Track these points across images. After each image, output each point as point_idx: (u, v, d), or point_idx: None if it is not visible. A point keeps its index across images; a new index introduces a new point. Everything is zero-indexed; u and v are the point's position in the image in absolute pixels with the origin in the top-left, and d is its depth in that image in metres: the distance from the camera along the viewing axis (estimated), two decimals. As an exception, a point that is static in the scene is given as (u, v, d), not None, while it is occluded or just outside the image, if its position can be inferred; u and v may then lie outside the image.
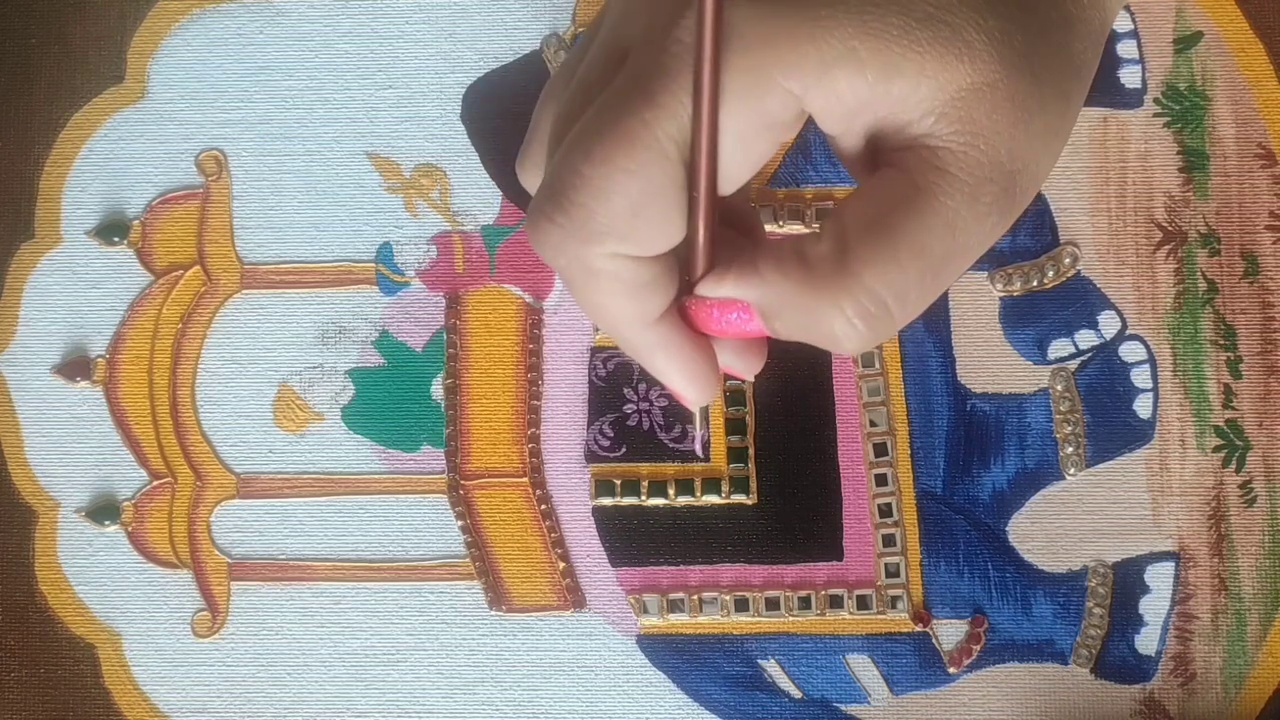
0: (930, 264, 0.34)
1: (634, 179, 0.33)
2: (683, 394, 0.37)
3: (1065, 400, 0.53)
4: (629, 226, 0.33)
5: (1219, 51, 0.55)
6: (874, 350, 0.54)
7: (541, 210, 0.34)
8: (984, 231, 0.34)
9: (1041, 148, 0.35)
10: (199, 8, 0.55)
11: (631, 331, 0.36)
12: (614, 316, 0.35)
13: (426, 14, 0.55)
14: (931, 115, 0.33)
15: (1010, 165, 0.34)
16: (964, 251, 0.34)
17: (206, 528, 0.54)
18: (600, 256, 0.34)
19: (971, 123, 0.33)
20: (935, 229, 0.33)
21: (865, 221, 0.34)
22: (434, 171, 0.55)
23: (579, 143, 0.34)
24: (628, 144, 0.33)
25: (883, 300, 0.33)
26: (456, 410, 0.54)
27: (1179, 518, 0.53)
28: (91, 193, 0.55)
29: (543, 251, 0.35)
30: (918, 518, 0.53)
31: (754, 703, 0.53)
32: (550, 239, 0.34)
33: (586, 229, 0.33)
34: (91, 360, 0.54)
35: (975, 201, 0.33)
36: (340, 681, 0.53)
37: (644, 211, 0.33)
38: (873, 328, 0.34)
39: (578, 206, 0.33)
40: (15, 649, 0.53)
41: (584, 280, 0.35)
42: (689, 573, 0.53)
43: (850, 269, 0.33)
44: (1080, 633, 0.53)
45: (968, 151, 0.33)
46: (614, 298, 0.35)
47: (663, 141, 0.33)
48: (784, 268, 0.34)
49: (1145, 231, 0.54)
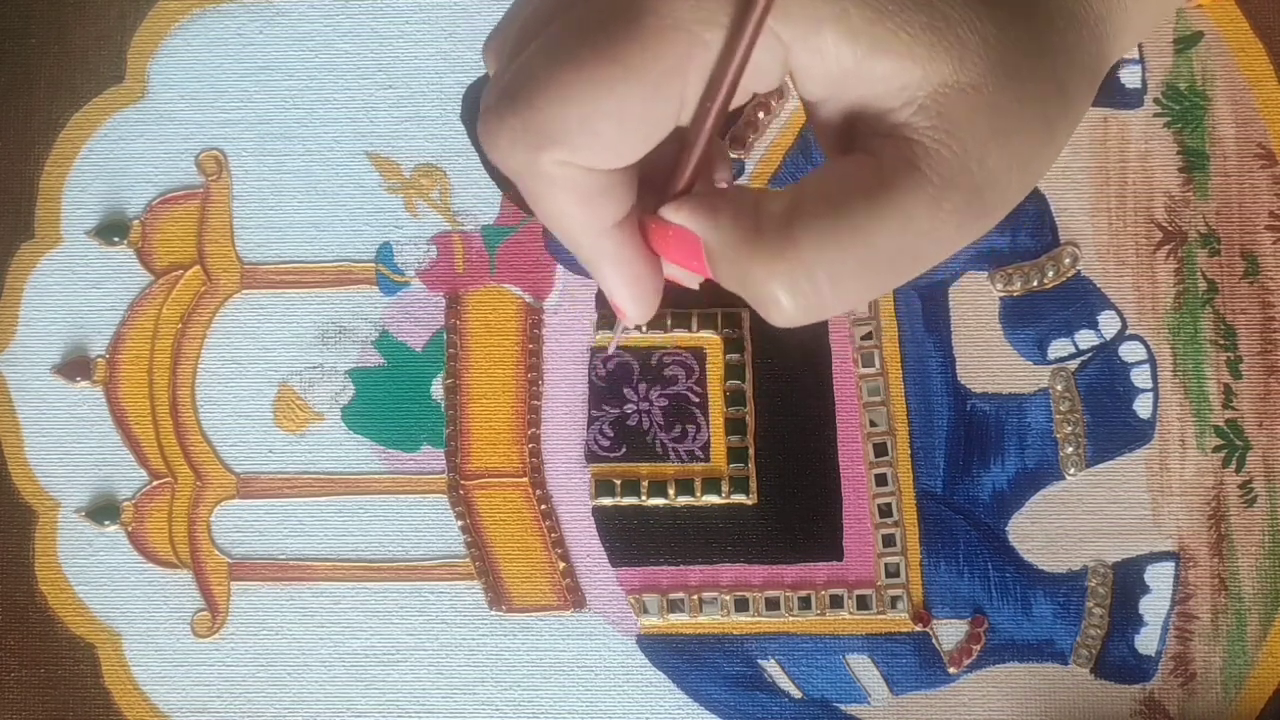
0: (874, 255, 0.33)
1: (600, 95, 0.32)
2: (624, 309, 0.36)
3: (1065, 400, 0.53)
4: (581, 141, 0.33)
5: (1219, 51, 0.55)
6: (874, 350, 0.54)
7: (494, 109, 0.33)
8: (939, 238, 0.33)
9: (1016, 169, 0.34)
10: (199, 8, 0.55)
11: (584, 237, 0.35)
12: (567, 221, 0.35)
13: (426, 14, 0.55)
14: (912, 105, 0.33)
15: (979, 176, 0.33)
16: (914, 253, 0.33)
17: (206, 528, 0.54)
18: (550, 163, 0.33)
19: (948, 121, 0.33)
20: (888, 221, 0.33)
21: (822, 194, 0.33)
22: (434, 171, 0.55)
23: (548, 48, 0.33)
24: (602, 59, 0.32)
25: (816, 277, 0.33)
26: (456, 410, 0.54)
27: (1179, 518, 0.53)
28: (91, 193, 0.55)
29: (492, 152, 0.34)
30: (918, 518, 0.53)
31: (754, 703, 0.53)
32: (500, 139, 0.33)
33: (540, 135, 0.33)
34: (91, 360, 0.54)
35: (936, 204, 0.33)
36: (340, 681, 0.53)
37: (598, 129, 0.33)
38: (799, 303, 0.33)
39: (532, 109, 0.33)
40: (15, 649, 0.53)
41: (536, 185, 0.34)
42: (689, 573, 0.53)
43: (793, 236, 0.33)
44: (1080, 633, 0.53)
45: (939, 150, 0.33)
46: (565, 205, 0.34)
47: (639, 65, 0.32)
48: (737, 218, 0.34)
49: (1145, 231, 0.54)
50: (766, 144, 0.55)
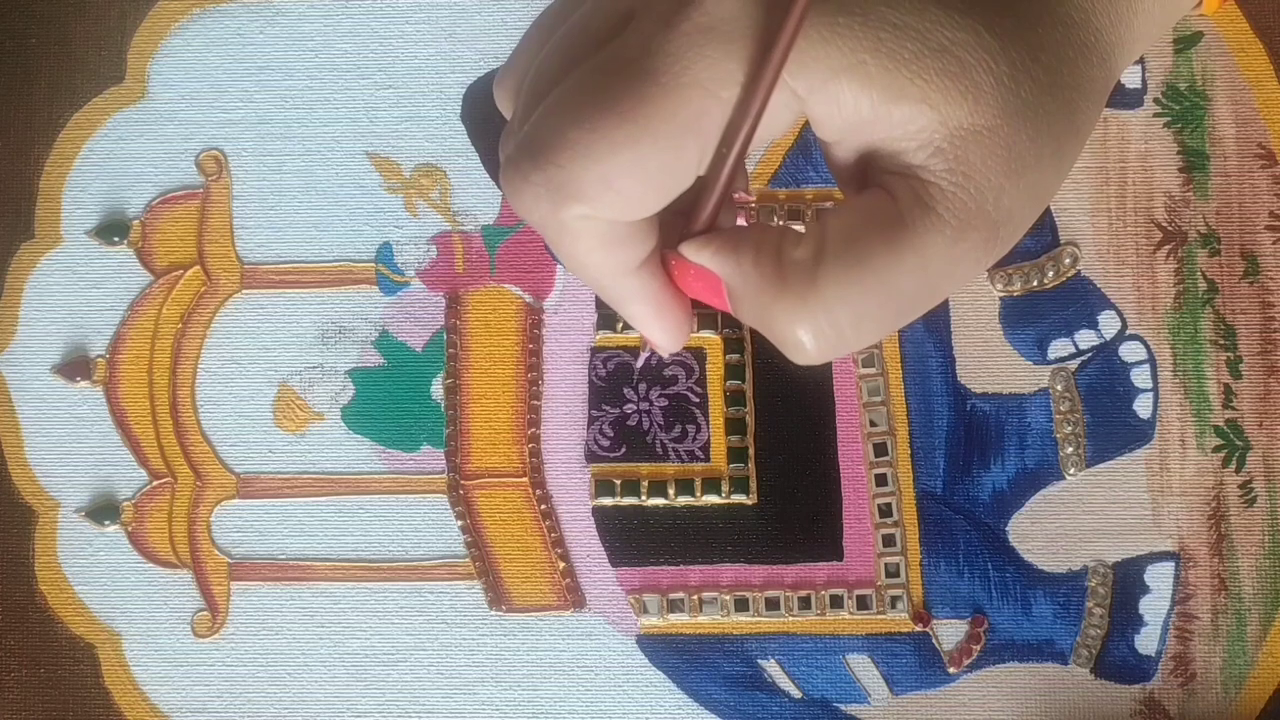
0: (894, 297, 0.33)
1: (617, 153, 0.32)
2: (657, 341, 0.37)
3: (1065, 400, 0.53)
4: (601, 198, 0.33)
5: (1219, 51, 0.55)
6: (874, 350, 0.54)
7: (518, 167, 0.34)
8: (955, 275, 0.34)
9: (1028, 203, 0.34)
10: (199, 8, 0.55)
11: (608, 281, 0.35)
12: (591, 267, 0.35)
13: (426, 14, 0.55)
14: (928, 149, 0.33)
15: (995, 215, 0.33)
16: (931, 291, 0.34)
17: (206, 528, 0.54)
18: (573, 217, 0.33)
19: (965, 164, 0.33)
20: (908, 264, 0.33)
21: (845, 239, 0.34)
22: (434, 171, 0.55)
23: (567, 102, 0.33)
24: (619, 117, 0.32)
25: (839, 323, 0.33)
26: (456, 410, 0.54)
27: (1179, 518, 0.53)
28: (91, 193, 0.55)
29: (516, 206, 0.34)
30: (918, 518, 0.53)
31: (754, 703, 0.53)
32: (524, 198, 0.34)
33: (562, 192, 0.33)
34: (91, 360, 0.54)
35: (954, 245, 0.33)
36: (340, 681, 0.53)
37: (621, 187, 0.33)
38: (821, 346, 0.34)
39: (556, 169, 0.33)
40: (15, 649, 0.53)
41: (558, 235, 0.34)
42: (689, 573, 0.53)
43: (818, 284, 0.33)
44: (1080, 633, 0.53)
45: (957, 193, 0.33)
46: (590, 252, 0.34)
47: (655, 123, 0.32)
48: (760, 259, 0.34)
49: (1145, 231, 0.54)
50: (767, 143, 0.55)
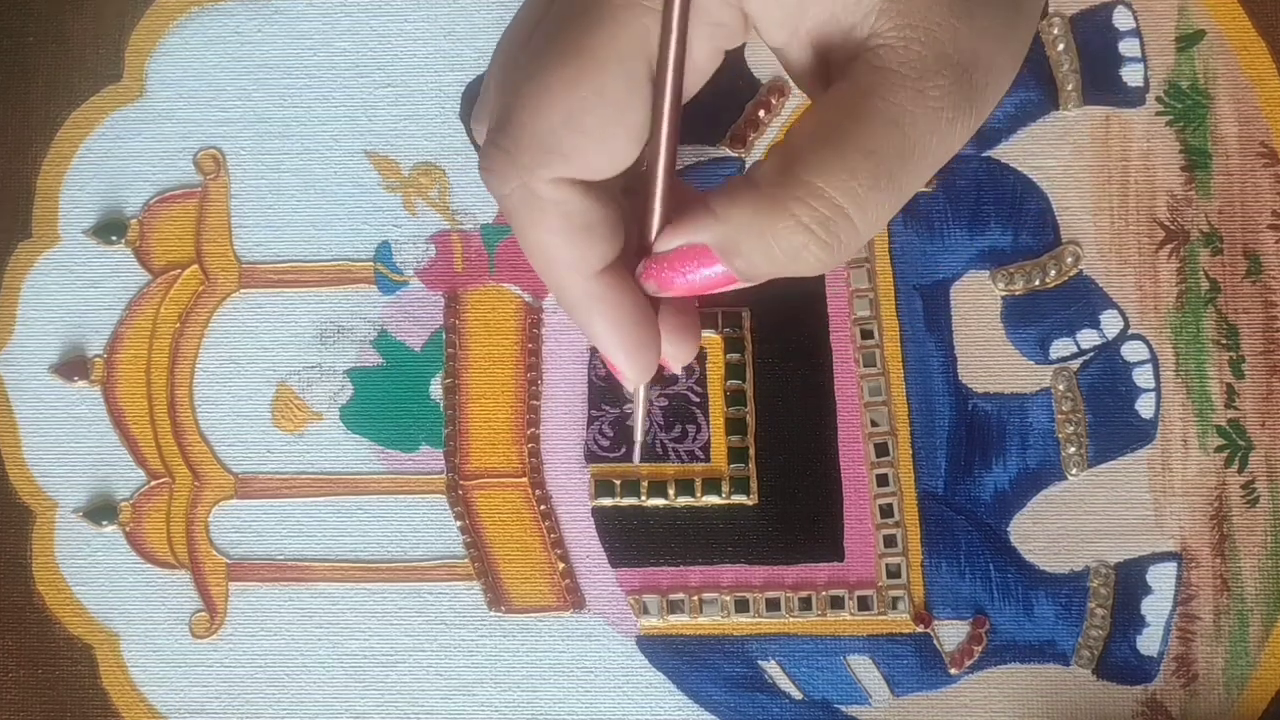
0: (883, 164, 0.33)
1: (571, 90, 0.33)
2: (620, 367, 0.36)
3: (1067, 400, 0.53)
4: (569, 141, 0.33)
5: (1221, 50, 0.55)
6: (875, 349, 0.54)
7: (489, 140, 0.34)
8: (938, 128, 0.33)
9: (993, 43, 0.34)
10: (197, 6, 0.55)
11: (572, 280, 0.35)
12: (555, 260, 0.35)
13: (425, 12, 0.55)
14: (872, 14, 0.33)
15: (957, 57, 0.33)
16: (920, 151, 0.33)
17: (204, 528, 0.53)
18: (544, 183, 0.33)
19: (909, 15, 0.33)
20: (881, 126, 0.33)
21: (810, 132, 0.33)
22: (433, 170, 0.55)
23: (521, 72, 0.34)
24: (564, 59, 0.33)
25: (837, 204, 0.33)
26: (455, 410, 0.54)
27: (1181, 518, 0.53)
28: (89, 191, 0.55)
29: (489, 181, 0.34)
30: (919, 518, 0.53)
31: (754, 704, 0.52)
32: (496, 165, 0.34)
33: (529, 149, 0.33)
34: (89, 360, 0.54)
35: (921, 95, 0.33)
36: (339, 683, 0.53)
37: (583, 124, 0.33)
38: (831, 233, 0.33)
39: (519, 125, 0.33)
40: (13, 649, 0.53)
41: (529, 214, 0.34)
42: (689, 573, 0.53)
43: (797, 176, 0.33)
44: (1082, 633, 0.53)
45: (908, 45, 0.33)
46: (556, 236, 0.34)
47: (599, 52, 0.33)
48: (735, 197, 0.34)
49: (1147, 230, 0.54)
50: (767, 142, 0.55)
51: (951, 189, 0.54)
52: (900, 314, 0.54)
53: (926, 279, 0.54)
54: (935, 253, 0.54)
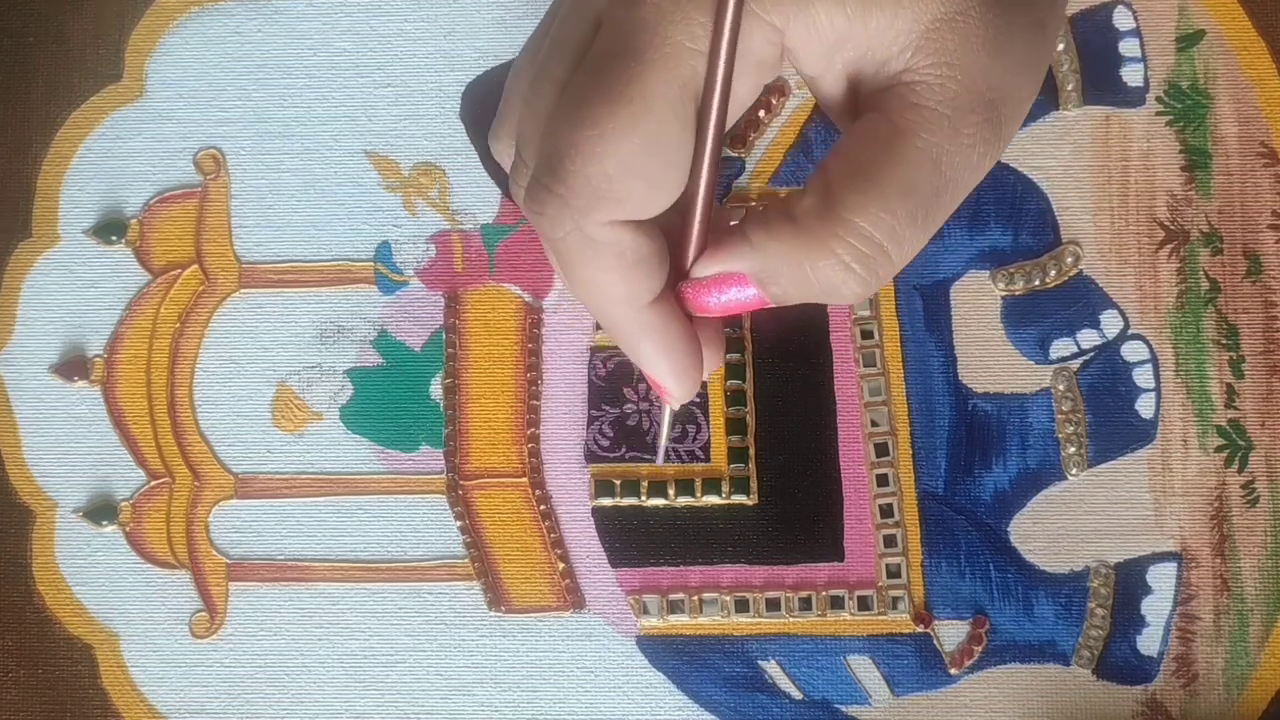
0: (920, 201, 0.33)
1: (626, 137, 0.33)
2: (667, 387, 0.37)
3: (1067, 400, 0.53)
4: (625, 186, 0.33)
5: (1221, 49, 0.55)
6: (875, 349, 0.54)
7: (539, 182, 0.34)
8: (971, 164, 0.34)
9: (1021, 76, 0.35)
10: (197, 6, 0.55)
11: (624, 314, 0.36)
12: (608, 296, 0.35)
13: (425, 11, 0.55)
14: (909, 50, 0.33)
15: (990, 94, 0.34)
16: (952, 186, 0.34)
17: (204, 528, 0.53)
18: (599, 225, 0.34)
19: (945, 53, 0.33)
20: (919, 166, 0.33)
21: (849, 169, 0.34)
22: (433, 170, 0.55)
23: (567, 110, 0.34)
24: (616, 104, 0.33)
25: (876, 241, 0.33)
26: (455, 410, 0.54)
27: (1181, 518, 0.53)
28: (89, 191, 0.55)
29: (541, 224, 0.34)
30: (919, 518, 0.53)
31: (754, 704, 0.52)
32: (549, 209, 0.34)
33: (584, 195, 0.33)
34: (89, 360, 0.54)
35: (957, 134, 0.33)
36: (339, 683, 0.53)
37: (639, 169, 0.33)
38: (870, 270, 0.34)
39: (573, 173, 0.33)
40: (13, 649, 0.53)
41: (581, 255, 0.35)
42: (689, 573, 0.53)
43: (838, 215, 0.33)
44: (1082, 633, 0.52)
45: (945, 84, 0.33)
46: (610, 274, 0.35)
47: (652, 97, 0.33)
48: (773, 229, 0.34)
49: (1148, 230, 0.54)
50: (767, 142, 0.55)
51: (951, 189, 0.54)
52: (900, 314, 0.54)
53: (926, 279, 0.54)
54: (935, 253, 0.54)
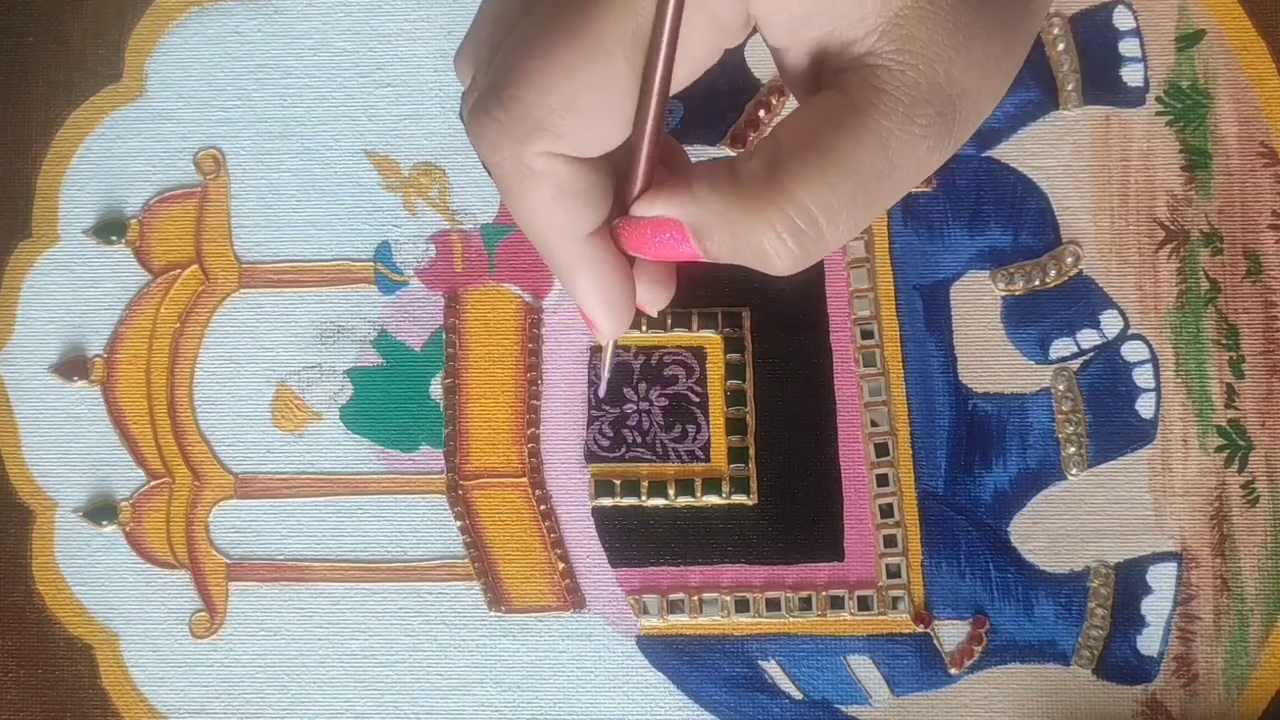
0: (861, 183, 0.33)
1: (572, 73, 0.33)
2: (598, 321, 0.37)
3: (1067, 400, 0.53)
4: (565, 121, 0.33)
5: (1221, 49, 0.55)
6: (875, 349, 0.54)
7: (482, 106, 0.34)
8: (918, 156, 0.34)
9: (981, 77, 0.34)
10: (197, 6, 0.55)
11: (561, 243, 0.36)
12: (545, 225, 0.35)
13: (424, 11, 0.55)
14: (874, 33, 0.33)
15: (948, 89, 0.34)
16: (896, 174, 0.34)
17: (204, 528, 0.53)
18: (537, 155, 0.34)
19: (911, 41, 0.33)
20: (868, 147, 0.33)
21: (799, 139, 0.34)
22: (433, 170, 0.55)
23: (521, 40, 0.34)
24: (568, 38, 0.33)
25: (813, 216, 0.33)
26: (455, 410, 0.54)
27: (1181, 518, 0.53)
28: (89, 191, 0.55)
29: (480, 147, 0.34)
30: (919, 518, 0.53)
31: (754, 704, 0.52)
32: (488, 133, 0.34)
33: (524, 123, 0.33)
34: (89, 360, 0.54)
35: (910, 122, 0.33)
36: (339, 682, 0.53)
37: (580, 106, 0.33)
38: (802, 244, 0.34)
39: (515, 100, 0.33)
40: (13, 649, 0.53)
41: (519, 182, 0.34)
42: (689, 573, 0.53)
43: (780, 184, 0.33)
44: (1082, 633, 0.52)
45: (905, 70, 0.33)
46: (547, 204, 0.35)
47: (605, 38, 0.33)
48: (716, 185, 0.34)
49: (1148, 230, 0.54)
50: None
51: (951, 189, 0.54)
52: (900, 314, 0.54)
53: (926, 279, 0.54)
54: (935, 253, 0.54)
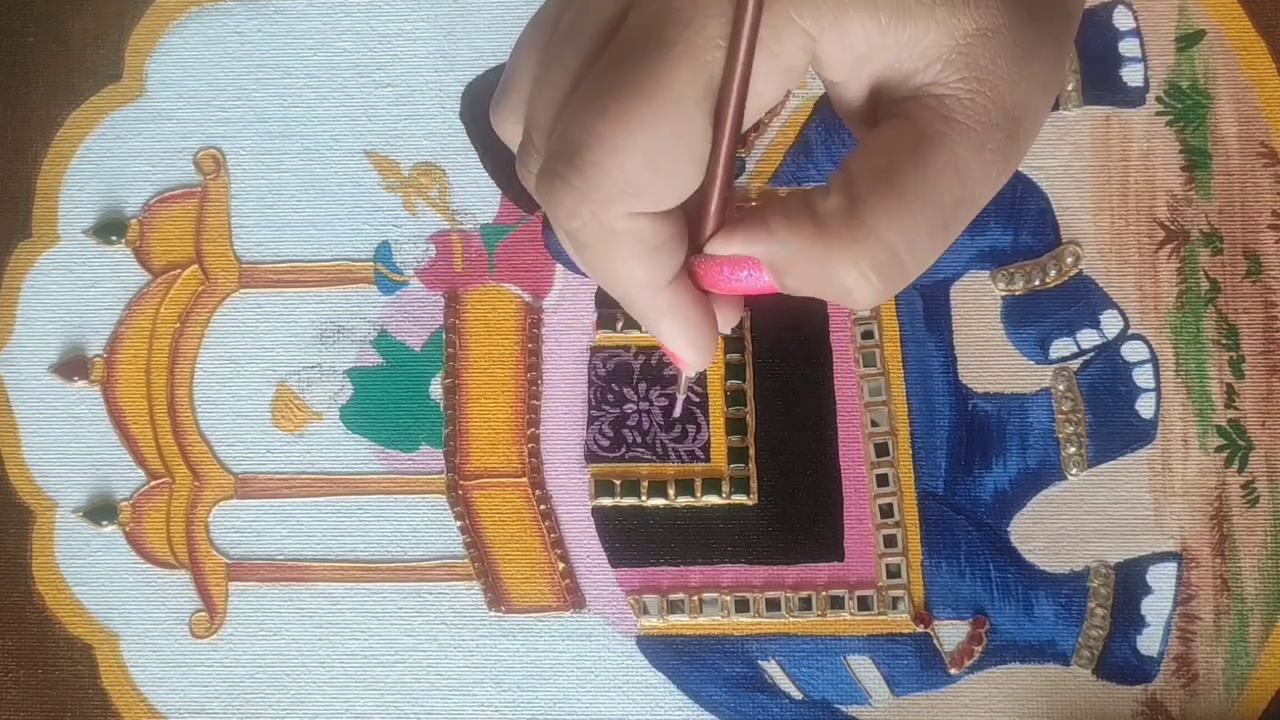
0: (940, 212, 0.34)
1: (651, 133, 0.32)
2: (685, 359, 0.37)
3: (1067, 400, 0.53)
4: (646, 182, 0.33)
5: (1221, 50, 0.55)
6: (875, 349, 0.54)
7: (554, 172, 0.33)
8: (989, 179, 0.34)
9: (1040, 93, 0.35)
10: (197, 6, 0.55)
11: (644, 296, 0.35)
12: (628, 281, 0.35)
13: (425, 11, 0.55)
14: (938, 63, 0.33)
15: (1013, 111, 0.34)
16: (972, 200, 0.34)
17: (204, 528, 0.53)
18: (618, 216, 0.33)
19: (976, 69, 0.33)
20: (944, 177, 0.33)
21: (873, 172, 0.34)
22: (433, 170, 0.55)
23: (591, 99, 0.33)
24: (644, 97, 0.32)
25: (895, 250, 0.33)
26: (455, 410, 0.54)
27: (1181, 518, 0.53)
28: (89, 191, 0.55)
29: (556, 214, 0.34)
30: (919, 518, 0.53)
31: (754, 704, 0.52)
32: (566, 201, 0.33)
33: (604, 188, 0.33)
34: (89, 360, 0.54)
35: (981, 148, 0.34)
36: (339, 683, 0.53)
37: (661, 165, 0.33)
38: (885, 279, 0.34)
39: (593, 165, 0.33)
40: (13, 650, 0.53)
41: (600, 243, 0.34)
42: (689, 573, 0.53)
43: (861, 220, 0.33)
44: (1082, 633, 0.52)
45: (974, 98, 0.33)
46: (630, 261, 0.34)
47: (679, 92, 0.32)
48: (794, 223, 0.34)
49: (1148, 230, 0.54)
50: (768, 142, 0.55)
51: (951, 189, 0.54)
52: (900, 314, 0.54)
53: (926, 279, 0.54)
54: (935, 253, 0.54)
